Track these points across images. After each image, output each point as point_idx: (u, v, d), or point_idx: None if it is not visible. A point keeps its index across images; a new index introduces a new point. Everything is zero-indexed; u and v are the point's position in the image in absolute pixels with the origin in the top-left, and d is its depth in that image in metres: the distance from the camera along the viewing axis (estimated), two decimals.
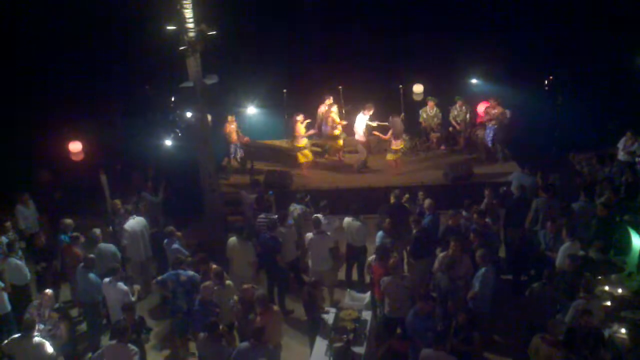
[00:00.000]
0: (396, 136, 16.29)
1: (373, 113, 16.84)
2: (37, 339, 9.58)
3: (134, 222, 12.89)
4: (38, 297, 10.69)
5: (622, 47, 21.62)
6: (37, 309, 10.36)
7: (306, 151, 16.93)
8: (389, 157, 16.70)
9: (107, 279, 11.01)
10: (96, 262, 11.45)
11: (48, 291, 10.64)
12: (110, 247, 12.32)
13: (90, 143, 17.24)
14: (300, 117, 16.64)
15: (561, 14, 22.56)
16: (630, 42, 21.33)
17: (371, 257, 11.56)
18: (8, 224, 13.00)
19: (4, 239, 12.51)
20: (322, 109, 17.57)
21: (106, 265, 11.42)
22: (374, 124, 16.84)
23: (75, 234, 12.31)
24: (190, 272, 11.03)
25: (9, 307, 11.27)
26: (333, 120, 17.04)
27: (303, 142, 16.77)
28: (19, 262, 11.91)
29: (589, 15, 22.41)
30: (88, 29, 22.00)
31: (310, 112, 17.65)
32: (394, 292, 10.63)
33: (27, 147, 18.27)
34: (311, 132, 17.24)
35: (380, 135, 16.69)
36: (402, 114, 17.08)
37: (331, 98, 17.53)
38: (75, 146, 16.36)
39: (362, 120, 16.62)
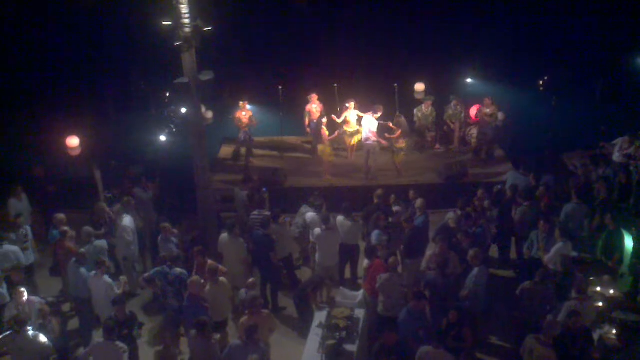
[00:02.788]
0: (404, 135, 16.26)
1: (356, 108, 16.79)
2: (31, 332, 9.59)
3: (129, 220, 12.84)
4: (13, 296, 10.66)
5: (617, 49, 21.69)
6: (16, 307, 10.33)
7: (330, 151, 16.67)
8: (396, 157, 16.52)
9: (92, 272, 10.99)
10: (91, 257, 11.42)
11: (20, 289, 10.61)
12: (104, 242, 12.30)
13: (86, 138, 17.19)
14: (324, 120, 16.67)
15: (557, 15, 22.61)
16: (625, 44, 21.41)
17: (366, 262, 11.59)
18: (21, 218, 12.93)
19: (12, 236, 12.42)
20: (310, 107, 17.57)
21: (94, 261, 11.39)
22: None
23: (64, 228, 12.20)
24: (178, 270, 11.01)
25: (8, 298, 11.21)
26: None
27: (328, 144, 16.55)
28: (13, 247, 11.95)
29: (585, 17, 22.46)
30: (84, 25, 21.96)
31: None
32: (390, 290, 10.68)
33: (25, 141, 18.20)
34: (335, 135, 17.05)
35: (392, 136, 16.51)
36: (397, 113, 17.08)
37: (316, 96, 17.55)
38: (73, 141, 16.30)
39: (372, 123, 16.30)
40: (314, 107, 17.47)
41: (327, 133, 16.50)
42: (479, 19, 23.23)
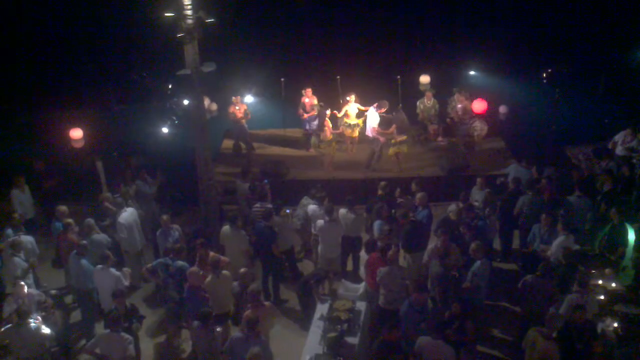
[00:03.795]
0: (400, 130, 16.14)
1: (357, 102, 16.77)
2: (33, 324, 9.65)
3: (127, 215, 12.80)
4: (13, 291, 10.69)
5: (620, 42, 21.58)
6: (16, 301, 10.35)
7: (334, 144, 16.62)
8: (391, 151, 16.26)
9: (99, 266, 11.01)
10: (89, 251, 11.45)
11: (20, 282, 10.67)
12: (104, 237, 12.30)
13: (89, 130, 17.18)
14: (328, 112, 16.55)
15: (560, 7, 22.48)
16: (628, 36, 21.31)
17: (364, 256, 11.59)
18: (16, 214, 12.93)
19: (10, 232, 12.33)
20: (303, 100, 17.54)
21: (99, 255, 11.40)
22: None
23: (68, 220, 12.21)
24: (180, 262, 11.04)
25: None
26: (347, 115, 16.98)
27: (331, 136, 16.47)
28: (29, 237, 12.10)
29: (588, 9, 22.35)
30: (86, 16, 21.89)
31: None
32: (390, 283, 10.66)
33: (28, 133, 18.19)
34: (340, 130, 17.03)
35: (387, 131, 16.31)
36: (399, 106, 17.03)
37: (310, 90, 17.53)
38: (76, 133, 16.31)
39: (374, 118, 16.28)
40: (307, 100, 17.46)
41: (330, 125, 16.44)
42: (482, 10, 23.11)
